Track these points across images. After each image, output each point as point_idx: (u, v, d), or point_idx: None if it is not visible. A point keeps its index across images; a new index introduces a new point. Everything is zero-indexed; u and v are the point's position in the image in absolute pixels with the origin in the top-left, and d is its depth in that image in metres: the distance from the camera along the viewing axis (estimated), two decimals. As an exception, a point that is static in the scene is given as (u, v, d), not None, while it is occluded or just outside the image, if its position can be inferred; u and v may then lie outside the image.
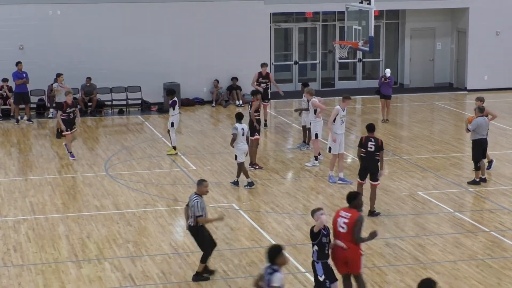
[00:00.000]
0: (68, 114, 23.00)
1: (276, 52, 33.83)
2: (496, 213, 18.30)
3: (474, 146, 20.33)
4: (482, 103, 20.65)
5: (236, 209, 18.62)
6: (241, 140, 20.11)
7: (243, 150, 20.19)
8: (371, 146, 17.60)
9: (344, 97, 20.89)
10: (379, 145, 17.59)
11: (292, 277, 14.69)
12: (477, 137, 20.20)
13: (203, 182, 14.59)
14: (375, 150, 17.58)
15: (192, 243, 16.38)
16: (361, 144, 17.75)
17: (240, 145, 20.13)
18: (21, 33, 29.71)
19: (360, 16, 26.24)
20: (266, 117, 27.05)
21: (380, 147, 17.60)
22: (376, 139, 17.68)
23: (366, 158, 17.71)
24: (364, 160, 17.79)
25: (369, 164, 17.75)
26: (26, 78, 28.09)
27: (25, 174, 21.77)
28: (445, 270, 14.99)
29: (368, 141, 17.63)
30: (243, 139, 20.13)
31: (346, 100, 20.72)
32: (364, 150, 17.66)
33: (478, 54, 33.40)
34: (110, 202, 19.12)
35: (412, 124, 27.98)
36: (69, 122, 23.08)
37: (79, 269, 15.12)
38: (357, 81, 34.89)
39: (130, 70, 30.51)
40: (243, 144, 20.15)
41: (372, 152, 17.60)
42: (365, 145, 17.65)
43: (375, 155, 17.61)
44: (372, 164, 17.72)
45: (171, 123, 23.34)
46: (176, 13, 30.85)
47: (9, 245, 16.37)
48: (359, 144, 17.81)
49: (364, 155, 17.71)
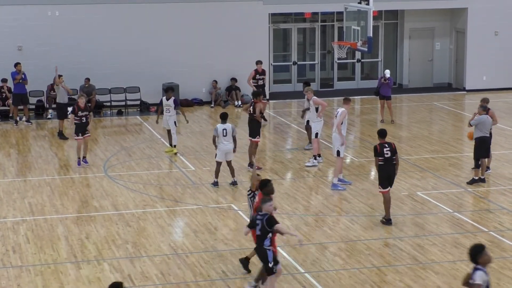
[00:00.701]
0: (80, 118, 22.12)
1: (275, 53, 33.83)
2: (495, 213, 18.31)
3: (477, 144, 20.34)
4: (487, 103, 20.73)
5: (235, 210, 18.62)
6: (222, 140, 19.95)
7: (223, 150, 20.01)
8: (386, 152, 17.25)
9: (345, 99, 20.74)
10: (394, 149, 17.31)
11: (291, 277, 14.68)
12: (480, 135, 20.22)
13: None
14: (391, 155, 17.29)
15: (191, 244, 16.39)
16: (377, 152, 17.28)
17: (221, 145, 20.00)
18: (20, 34, 29.69)
19: (358, 16, 26.23)
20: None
21: (394, 150, 17.30)
22: (389, 144, 17.36)
23: (385, 165, 17.29)
24: (383, 167, 17.32)
25: (390, 171, 17.37)
26: (24, 79, 28.08)
27: (24, 175, 21.77)
28: (444, 270, 14.99)
29: (383, 148, 17.29)
30: (224, 139, 19.94)
31: (348, 102, 20.58)
32: (382, 158, 17.23)
33: (477, 54, 33.40)
34: (109, 203, 19.12)
35: (411, 124, 27.98)
36: (81, 126, 22.18)
37: (78, 270, 15.11)
38: (356, 81, 34.88)
39: (129, 71, 30.51)
40: (223, 144, 19.96)
41: (389, 158, 17.28)
42: (381, 153, 17.24)
43: (392, 160, 17.30)
44: (392, 170, 17.40)
45: (174, 122, 23.39)
46: (175, 14, 30.84)
47: (8, 246, 16.36)
48: (376, 153, 17.30)
49: (382, 162, 17.30)
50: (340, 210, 18.53)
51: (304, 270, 14.99)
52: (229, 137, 20.04)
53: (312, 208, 18.59)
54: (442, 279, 14.54)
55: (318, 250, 16.04)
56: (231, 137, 20.07)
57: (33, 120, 28.48)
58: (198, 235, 16.89)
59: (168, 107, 23.43)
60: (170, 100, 23.39)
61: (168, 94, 23.56)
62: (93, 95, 29.51)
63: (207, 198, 19.51)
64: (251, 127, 21.94)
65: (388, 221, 17.37)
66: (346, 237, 16.78)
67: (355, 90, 33.92)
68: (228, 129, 20.03)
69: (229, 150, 20.13)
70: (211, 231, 17.16)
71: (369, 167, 22.26)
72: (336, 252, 15.90)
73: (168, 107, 23.43)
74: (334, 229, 17.24)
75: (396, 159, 17.33)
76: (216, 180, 20.30)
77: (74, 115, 22.18)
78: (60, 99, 26.10)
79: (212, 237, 16.78)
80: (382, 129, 17.79)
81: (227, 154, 20.22)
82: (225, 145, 20.04)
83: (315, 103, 22.33)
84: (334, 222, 17.66)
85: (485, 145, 20.33)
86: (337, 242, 16.51)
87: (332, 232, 17.06)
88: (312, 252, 15.88)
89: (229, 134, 20.04)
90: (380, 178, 17.45)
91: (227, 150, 20.11)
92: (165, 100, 23.51)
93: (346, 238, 16.69)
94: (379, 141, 17.43)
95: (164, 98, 23.56)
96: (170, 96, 23.46)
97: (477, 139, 20.32)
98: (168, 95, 23.51)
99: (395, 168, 17.39)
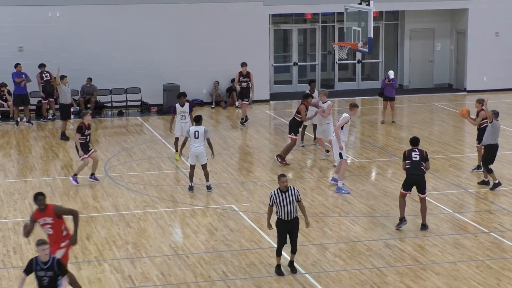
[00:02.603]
0: (86, 137, 20.57)
1: (275, 54, 33.85)
2: (496, 214, 18.31)
3: (487, 151, 20.23)
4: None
5: (235, 210, 18.62)
6: (193, 143, 19.53)
7: (193, 152, 19.59)
8: (415, 156, 17.01)
9: (351, 105, 20.50)
10: (424, 156, 17.05)
11: (291, 278, 14.69)
12: (491, 142, 20.10)
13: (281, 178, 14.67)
14: (420, 160, 17.01)
15: (191, 244, 16.40)
16: (404, 156, 17.15)
17: (192, 148, 19.60)
18: (20, 35, 29.72)
19: (359, 17, 26.22)
20: (244, 114, 27.78)
21: (425, 158, 17.08)
22: (420, 150, 17.10)
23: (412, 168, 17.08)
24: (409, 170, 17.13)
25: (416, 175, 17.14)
26: (27, 77, 28.10)
27: (25, 176, 21.78)
28: (445, 271, 15.00)
29: (412, 152, 17.05)
30: (195, 142, 19.50)
31: (353, 108, 20.33)
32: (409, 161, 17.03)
33: (478, 55, 33.41)
34: (109, 204, 19.12)
35: (411, 125, 27.98)
36: (86, 143, 20.73)
37: (78, 270, 15.11)
38: (356, 82, 34.89)
39: (130, 72, 30.53)
40: (194, 147, 19.54)
41: (418, 162, 17.01)
42: (409, 156, 17.04)
43: (421, 164, 17.05)
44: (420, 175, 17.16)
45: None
46: (176, 15, 30.86)
47: (9, 247, 16.37)
48: (404, 158, 17.18)
49: (410, 166, 17.05)
50: (341, 211, 18.53)
51: (305, 271, 15.00)
52: (201, 140, 19.50)
53: (312, 209, 18.59)
54: (442, 280, 14.55)
55: (319, 251, 16.04)
56: (203, 140, 19.55)
57: (33, 121, 28.48)
58: (199, 236, 16.90)
59: (184, 113, 22.48)
60: (185, 106, 22.54)
61: (181, 100, 22.57)
62: (94, 95, 29.55)
63: (207, 199, 19.52)
64: (293, 125, 22.65)
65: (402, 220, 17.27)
66: (346, 238, 16.79)
67: (355, 91, 33.96)
68: (200, 131, 19.51)
69: (199, 153, 19.56)
70: (212, 232, 17.17)
71: (370, 168, 22.27)
72: (336, 253, 15.91)
73: (184, 113, 22.48)
74: (335, 230, 17.24)
75: (426, 166, 17.10)
76: (191, 184, 19.85)
77: (80, 134, 20.47)
78: (63, 100, 26.06)
79: (212, 238, 16.79)
80: (415, 136, 17.43)
81: (199, 157, 19.66)
82: (196, 147, 19.53)
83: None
84: (334, 223, 17.67)
85: (494, 152, 20.19)
86: (337, 243, 16.52)
87: (333, 233, 17.07)
88: (312, 253, 15.89)
89: (201, 137, 19.52)
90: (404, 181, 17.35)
91: (198, 153, 19.57)
92: (179, 107, 22.56)
93: (347, 239, 16.70)
94: (411, 147, 17.16)
95: (178, 105, 22.57)
96: (184, 102, 22.62)
97: (487, 146, 20.17)
98: (182, 101, 22.56)
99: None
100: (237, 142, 25.73)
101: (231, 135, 26.71)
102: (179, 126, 22.64)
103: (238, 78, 27.98)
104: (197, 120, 19.91)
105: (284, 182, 14.55)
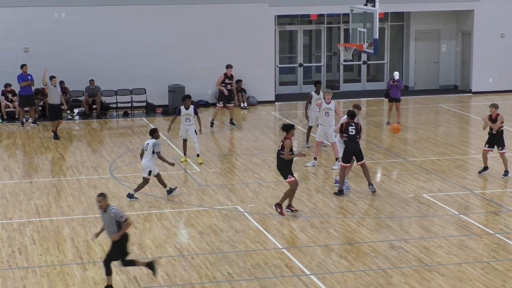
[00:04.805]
0: None
1: (280, 55, 33.84)
2: (501, 215, 18.29)
3: None
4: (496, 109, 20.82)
5: (240, 212, 18.62)
6: (146, 156, 19.25)
7: (144, 166, 19.32)
8: (351, 130, 19.24)
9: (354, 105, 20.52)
10: (359, 129, 19.35)
11: (296, 279, 14.68)
12: None
13: None
14: (356, 134, 19.24)
15: (196, 245, 16.40)
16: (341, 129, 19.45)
17: (144, 160, 19.30)
18: (26, 35, 29.76)
19: (364, 18, 26.19)
20: (231, 116, 27.98)
21: (360, 130, 19.36)
22: (356, 124, 19.36)
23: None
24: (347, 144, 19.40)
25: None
26: (31, 80, 28.14)
27: (30, 177, 21.80)
28: (450, 272, 14.98)
29: (349, 126, 19.31)
30: (147, 155, 19.21)
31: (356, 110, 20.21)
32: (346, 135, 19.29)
33: (483, 56, 33.37)
34: (114, 204, 19.03)
35: (417, 126, 27.95)
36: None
37: (84, 271, 15.12)
38: (362, 83, 34.88)
39: (135, 73, 30.56)
40: (146, 160, 19.24)
41: (353, 136, 19.24)
42: (346, 130, 19.34)
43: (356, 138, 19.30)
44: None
45: (195, 131, 22.54)
46: (181, 16, 30.88)
47: (14, 248, 16.39)
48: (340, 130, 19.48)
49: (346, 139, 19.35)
50: (346, 212, 18.52)
51: (310, 272, 14.98)
52: (149, 152, 19.17)
53: (317, 210, 18.58)
54: (447, 281, 14.53)
55: (324, 252, 16.03)
56: (151, 153, 19.17)
57: (39, 122, 28.51)
58: (204, 237, 16.90)
59: (189, 116, 22.38)
60: (190, 109, 22.43)
61: (186, 103, 22.40)
62: (98, 96, 29.57)
63: (212, 200, 19.52)
64: (278, 166, 18.43)
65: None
66: (351, 239, 16.78)
67: (361, 92, 33.95)
68: (150, 144, 19.21)
69: (146, 166, 19.24)
70: (217, 233, 17.17)
71: (375, 169, 22.25)
72: (341, 254, 15.90)
73: (189, 116, 22.38)
74: (340, 231, 17.23)
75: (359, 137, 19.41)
76: (133, 194, 19.52)
77: None
78: (51, 100, 26.14)
79: (217, 239, 16.79)
80: (351, 110, 19.70)
81: (151, 171, 19.38)
82: (147, 161, 19.29)
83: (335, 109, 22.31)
84: (339, 224, 17.66)
85: None
86: (342, 244, 16.51)
87: (338, 234, 17.06)
88: (317, 254, 15.88)
89: (149, 150, 19.21)
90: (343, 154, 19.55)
91: (145, 166, 19.28)
92: (184, 110, 22.44)
93: (352, 240, 16.68)
94: (347, 120, 19.45)
95: (183, 107, 22.45)
96: (189, 104, 22.50)
97: None
98: (187, 104, 22.44)
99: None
100: (242, 143, 25.73)
101: (236, 136, 26.72)
102: (184, 129, 22.61)
103: (224, 79, 27.88)
104: (150, 133, 19.59)
105: (100, 201, 14.00)
